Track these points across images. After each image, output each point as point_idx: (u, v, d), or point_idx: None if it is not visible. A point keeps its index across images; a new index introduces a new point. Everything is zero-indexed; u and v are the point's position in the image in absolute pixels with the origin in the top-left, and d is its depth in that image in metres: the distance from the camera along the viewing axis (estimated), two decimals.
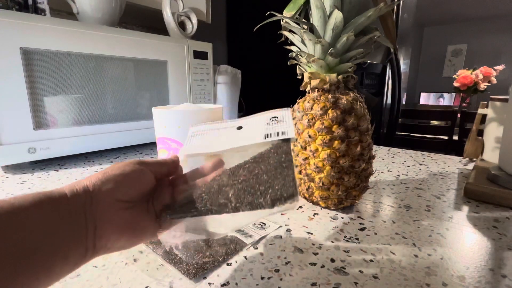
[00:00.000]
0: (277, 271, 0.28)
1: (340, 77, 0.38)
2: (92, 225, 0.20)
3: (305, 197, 0.43)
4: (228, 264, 0.29)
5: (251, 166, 0.25)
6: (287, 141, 0.26)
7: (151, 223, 0.24)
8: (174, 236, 0.25)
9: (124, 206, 0.22)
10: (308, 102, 0.39)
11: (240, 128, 0.29)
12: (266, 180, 0.23)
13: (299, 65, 0.42)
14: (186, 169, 0.29)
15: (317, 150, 0.38)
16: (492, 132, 0.62)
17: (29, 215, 0.17)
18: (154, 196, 0.25)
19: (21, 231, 0.17)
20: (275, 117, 0.29)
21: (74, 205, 0.20)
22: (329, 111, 0.37)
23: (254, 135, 0.27)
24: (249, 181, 0.24)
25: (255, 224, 0.37)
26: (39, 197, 0.18)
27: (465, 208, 0.43)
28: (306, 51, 0.39)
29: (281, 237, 0.34)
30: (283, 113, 0.29)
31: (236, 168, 0.25)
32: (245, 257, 0.30)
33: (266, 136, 0.26)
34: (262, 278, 0.27)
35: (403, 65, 1.78)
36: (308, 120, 0.38)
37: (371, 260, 0.30)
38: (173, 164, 0.27)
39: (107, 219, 0.21)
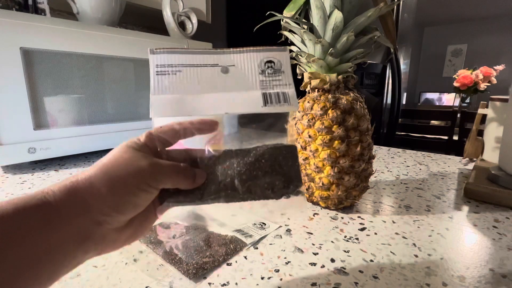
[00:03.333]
0: (277, 271, 0.28)
1: (340, 77, 0.38)
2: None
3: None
4: (228, 264, 0.29)
5: (254, 155, 0.23)
6: (285, 116, 0.23)
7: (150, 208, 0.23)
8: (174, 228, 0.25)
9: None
10: (308, 102, 0.39)
11: (226, 71, 0.23)
12: (271, 172, 0.23)
13: (299, 65, 0.42)
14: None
15: (317, 150, 0.38)
16: (492, 132, 0.62)
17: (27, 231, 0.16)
18: None
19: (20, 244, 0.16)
20: (270, 61, 0.24)
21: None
22: (329, 111, 0.37)
23: (247, 88, 0.23)
24: (255, 171, 0.23)
25: (255, 224, 0.37)
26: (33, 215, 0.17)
27: (465, 208, 0.43)
28: (306, 51, 0.39)
29: (281, 237, 0.34)
30: (279, 56, 0.24)
31: (239, 153, 0.23)
32: (245, 257, 0.30)
33: (265, 100, 0.22)
34: (262, 278, 0.27)
35: (403, 65, 1.78)
36: (308, 120, 0.38)
37: (371, 260, 0.30)
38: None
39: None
